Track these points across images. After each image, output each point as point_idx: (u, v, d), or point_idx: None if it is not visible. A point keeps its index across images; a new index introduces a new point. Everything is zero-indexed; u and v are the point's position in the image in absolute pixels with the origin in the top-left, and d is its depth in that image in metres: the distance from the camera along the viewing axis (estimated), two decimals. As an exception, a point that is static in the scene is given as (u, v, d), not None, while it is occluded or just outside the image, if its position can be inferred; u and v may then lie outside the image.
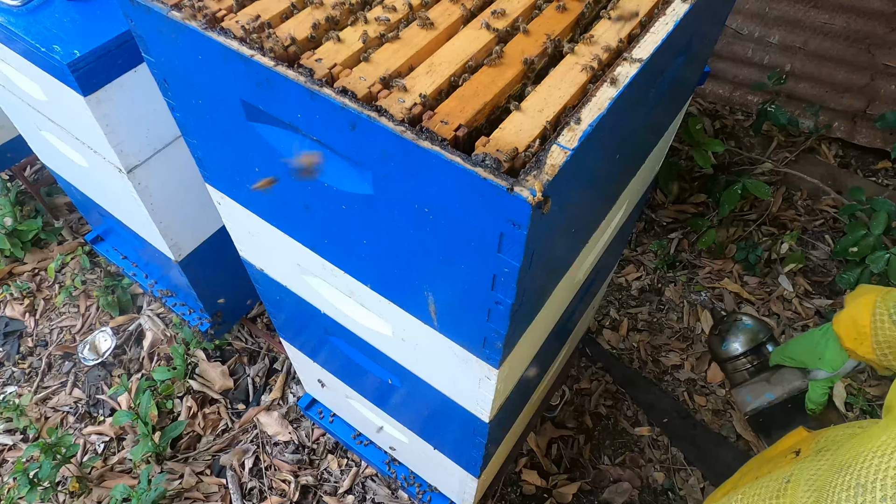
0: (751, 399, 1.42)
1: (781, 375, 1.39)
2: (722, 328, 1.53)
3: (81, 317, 2.51)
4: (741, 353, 1.48)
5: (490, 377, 0.97)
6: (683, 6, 0.82)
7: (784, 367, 1.38)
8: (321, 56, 0.74)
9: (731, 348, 1.49)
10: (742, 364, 1.48)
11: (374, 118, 0.67)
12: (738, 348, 1.49)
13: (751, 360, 1.47)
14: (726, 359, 1.50)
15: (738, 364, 1.49)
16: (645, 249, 2.70)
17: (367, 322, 1.13)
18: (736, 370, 1.49)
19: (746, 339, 1.49)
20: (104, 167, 1.59)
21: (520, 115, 0.69)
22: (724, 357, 1.51)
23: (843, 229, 2.67)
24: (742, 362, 1.48)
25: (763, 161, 2.85)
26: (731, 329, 1.51)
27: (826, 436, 0.95)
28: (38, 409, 2.28)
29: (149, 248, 1.98)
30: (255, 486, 2.07)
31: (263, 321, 2.44)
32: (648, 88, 0.85)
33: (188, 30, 0.76)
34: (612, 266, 1.80)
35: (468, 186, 0.64)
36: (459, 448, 1.38)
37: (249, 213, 1.10)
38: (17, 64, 1.47)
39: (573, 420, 2.19)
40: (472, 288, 0.79)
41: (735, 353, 1.49)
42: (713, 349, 1.55)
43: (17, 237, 2.64)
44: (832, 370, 1.22)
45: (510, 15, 0.82)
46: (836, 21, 2.66)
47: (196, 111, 0.93)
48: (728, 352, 1.50)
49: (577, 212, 0.86)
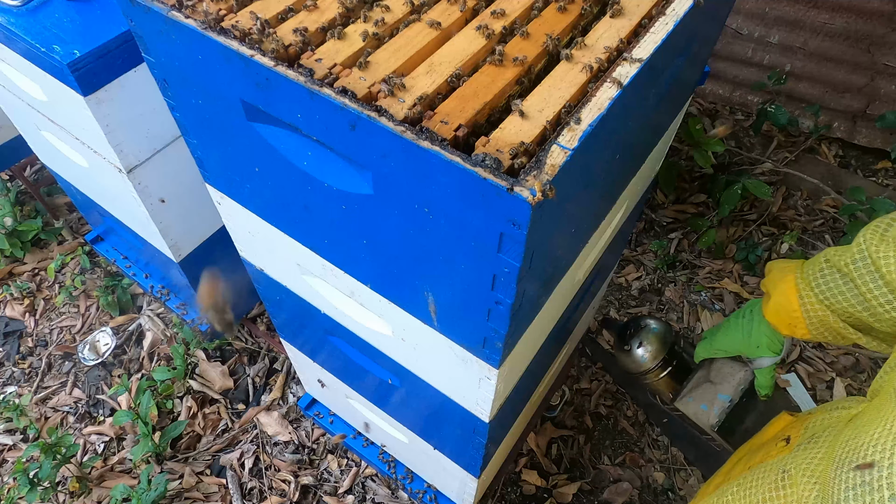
0: (707, 408, 1.30)
1: (721, 372, 1.29)
2: (629, 340, 1.40)
3: (81, 317, 2.51)
4: (660, 361, 1.36)
5: (490, 377, 0.97)
6: (683, 6, 0.82)
7: (715, 360, 1.29)
8: (321, 56, 0.74)
9: (648, 358, 1.37)
10: (663, 372, 1.36)
11: (374, 118, 0.67)
12: (656, 357, 1.36)
13: (670, 364, 1.36)
14: (644, 371, 1.38)
15: (658, 373, 1.37)
16: (645, 249, 2.70)
17: (367, 322, 1.13)
18: (658, 379, 1.37)
19: (658, 347, 1.37)
20: (104, 167, 1.59)
21: (519, 115, 0.69)
22: (643, 370, 1.38)
23: (843, 229, 2.67)
24: (662, 370, 1.36)
25: (763, 161, 2.85)
26: (639, 340, 1.38)
27: (814, 421, 0.93)
28: (38, 409, 2.28)
29: (149, 248, 1.99)
30: (255, 486, 2.07)
31: (263, 321, 2.44)
32: (648, 88, 0.85)
33: (188, 30, 0.76)
34: (612, 266, 1.80)
35: (468, 186, 0.64)
36: (459, 448, 1.38)
37: (249, 213, 1.10)
38: (17, 64, 1.47)
39: (573, 420, 2.19)
40: (472, 288, 0.79)
41: (651, 364, 1.36)
42: (624, 366, 1.42)
43: (17, 237, 2.64)
44: (775, 354, 1.18)
45: (510, 15, 0.82)
46: (836, 21, 2.66)
47: (196, 111, 0.93)
48: (645, 363, 1.37)
49: (577, 212, 0.86)
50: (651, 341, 1.38)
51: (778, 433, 1.03)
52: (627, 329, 1.43)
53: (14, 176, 2.77)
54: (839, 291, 1.00)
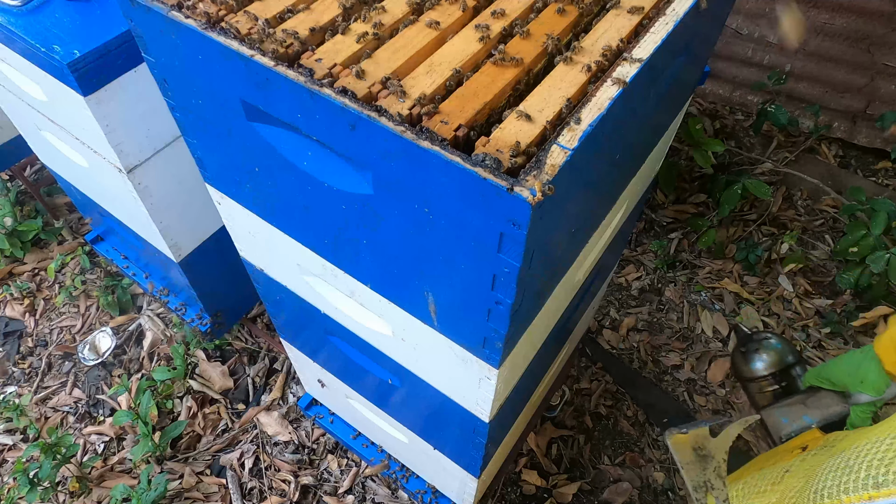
0: (787, 421, 1.33)
1: (819, 399, 1.31)
2: (748, 347, 1.47)
3: (81, 317, 2.51)
4: (767, 375, 1.43)
5: (490, 377, 0.97)
6: (683, 6, 0.82)
7: (821, 389, 1.31)
8: (321, 56, 0.74)
9: (758, 368, 1.44)
10: (767, 385, 1.43)
11: (374, 118, 0.67)
12: (765, 369, 1.43)
13: (778, 382, 1.42)
14: (751, 379, 1.45)
15: (764, 385, 1.43)
16: (645, 249, 2.70)
17: (367, 322, 1.13)
18: (761, 391, 1.43)
19: (774, 361, 1.43)
20: (104, 167, 1.59)
21: (519, 116, 0.69)
22: (749, 377, 1.45)
23: (843, 229, 2.67)
24: (768, 383, 1.43)
25: (763, 161, 2.85)
26: (758, 349, 1.45)
27: (835, 433, 0.94)
28: (38, 409, 2.28)
29: (149, 248, 1.98)
30: (255, 486, 2.07)
31: (263, 321, 2.44)
32: (648, 88, 0.85)
33: (188, 30, 0.76)
34: (612, 266, 1.80)
35: (468, 186, 0.64)
36: (459, 448, 1.38)
37: (249, 213, 1.10)
38: (17, 64, 1.47)
39: (573, 420, 2.19)
40: (472, 288, 0.79)
41: (761, 373, 1.43)
42: (737, 367, 1.50)
43: (17, 237, 2.64)
44: (875, 394, 1.16)
45: (510, 15, 0.82)
46: (836, 21, 2.66)
47: (196, 111, 0.93)
48: (754, 371, 1.44)
49: (577, 212, 0.86)
50: (770, 354, 1.44)
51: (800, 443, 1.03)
52: (752, 337, 1.51)
53: (14, 176, 2.77)
54: None
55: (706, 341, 2.41)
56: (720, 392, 2.27)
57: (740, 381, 1.51)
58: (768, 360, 1.44)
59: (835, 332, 2.40)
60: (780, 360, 1.44)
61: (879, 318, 2.38)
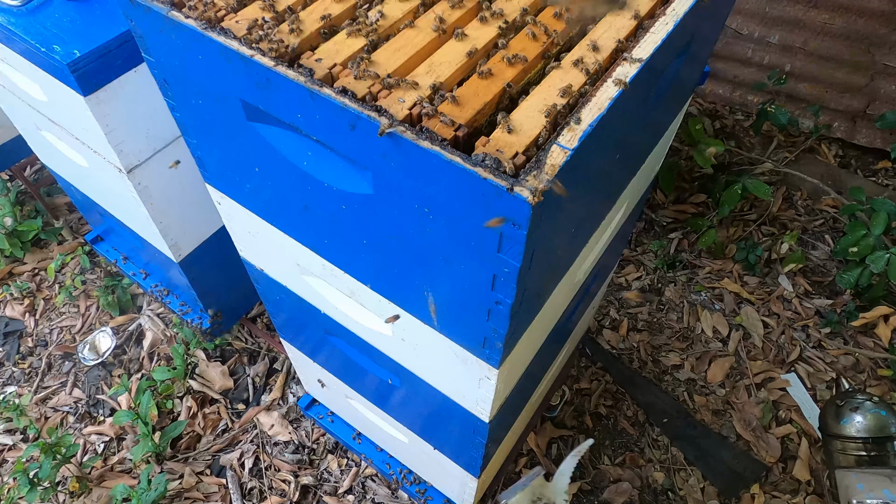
0: (863, 488, 1.26)
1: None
2: (847, 402, 1.38)
3: (81, 317, 2.51)
4: (860, 438, 1.33)
5: (490, 377, 0.97)
6: (683, 6, 0.82)
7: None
8: (321, 56, 0.74)
9: (851, 427, 1.35)
10: (855, 448, 1.34)
11: (374, 118, 0.67)
12: (860, 431, 1.34)
13: (868, 450, 1.33)
14: (837, 435, 1.36)
15: (850, 446, 1.35)
16: (645, 249, 2.70)
17: (367, 322, 1.13)
18: (844, 451, 1.35)
19: (873, 426, 1.34)
20: (104, 167, 1.59)
21: (520, 115, 0.69)
22: (836, 433, 1.36)
23: (843, 229, 2.67)
24: (857, 447, 1.34)
25: (763, 161, 2.84)
26: (857, 407, 1.36)
27: None
28: (38, 409, 2.28)
29: (149, 248, 1.98)
30: (255, 486, 2.07)
31: (263, 321, 2.44)
32: (648, 88, 0.85)
33: (188, 30, 0.76)
34: (612, 266, 1.80)
35: (468, 186, 0.64)
36: (459, 448, 1.38)
37: (249, 213, 1.10)
38: (17, 64, 1.47)
39: (573, 420, 2.19)
40: (472, 288, 0.79)
41: (852, 433, 1.34)
42: (826, 419, 1.40)
43: (17, 237, 2.64)
44: None
45: (510, 16, 0.82)
46: (836, 21, 2.66)
47: (196, 111, 0.93)
48: (844, 429, 1.35)
49: (577, 212, 0.86)
50: (869, 418, 1.36)
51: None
52: (854, 394, 1.41)
53: (14, 176, 2.77)
54: None
55: (706, 341, 2.41)
56: (720, 392, 2.27)
57: (824, 434, 1.40)
58: (865, 424, 1.35)
59: (835, 332, 2.40)
60: (881, 427, 1.34)
61: (879, 317, 2.38)
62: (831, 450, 1.39)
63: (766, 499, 2.00)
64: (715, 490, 2.04)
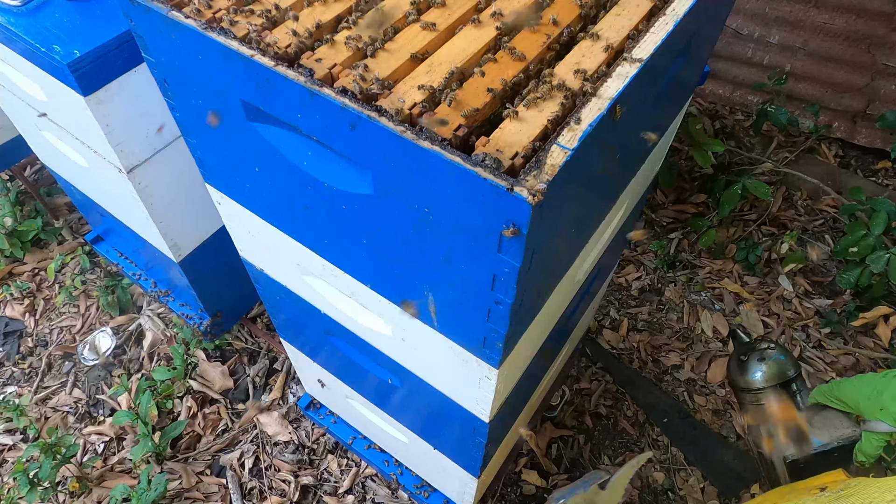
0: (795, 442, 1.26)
1: (826, 419, 1.23)
2: (748, 356, 1.38)
3: (81, 317, 2.51)
4: (766, 387, 1.34)
5: (490, 377, 0.97)
6: (683, 6, 0.82)
7: (827, 408, 1.23)
8: (321, 56, 0.74)
9: (756, 379, 1.35)
10: (764, 398, 1.34)
11: (374, 118, 0.67)
12: (764, 381, 1.34)
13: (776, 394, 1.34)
14: (747, 389, 1.37)
15: (760, 397, 1.35)
16: (645, 249, 2.70)
17: (367, 322, 1.13)
18: (757, 402, 1.35)
19: (773, 373, 1.34)
20: (104, 167, 1.59)
21: (520, 115, 0.69)
22: (745, 387, 1.37)
23: (843, 229, 2.67)
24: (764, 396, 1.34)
25: (763, 161, 2.84)
26: (757, 358, 1.36)
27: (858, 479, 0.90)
28: (38, 409, 2.28)
29: (149, 248, 1.98)
30: (255, 486, 2.07)
31: (263, 321, 2.44)
32: (648, 88, 0.85)
33: (188, 30, 0.76)
34: (612, 266, 1.80)
35: (468, 186, 0.64)
36: (459, 448, 1.38)
37: (249, 213, 1.10)
38: (17, 64, 1.47)
39: (573, 420, 2.19)
40: (472, 288, 0.79)
41: (758, 385, 1.35)
42: (732, 376, 1.42)
43: (17, 237, 2.64)
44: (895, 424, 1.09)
45: (509, 16, 0.82)
46: (836, 21, 2.66)
47: (196, 111, 0.93)
48: (751, 383, 1.36)
49: (578, 212, 0.86)
50: (770, 365, 1.36)
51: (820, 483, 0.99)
52: (752, 345, 1.41)
53: (14, 176, 2.77)
54: None
55: (706, 341, 2.41)
56: (720, 392, 2.27)
57: (734, 389, 1.43)
58: (768, 372, 1.35)
59: (835, 332, 2.40)
60: (781, 373, 1.35)
61: (879, 317, 2.38)
62: (745, 404, 1.39)
63: (766, 499, 2.00)
64: (715, 490, 2.04)
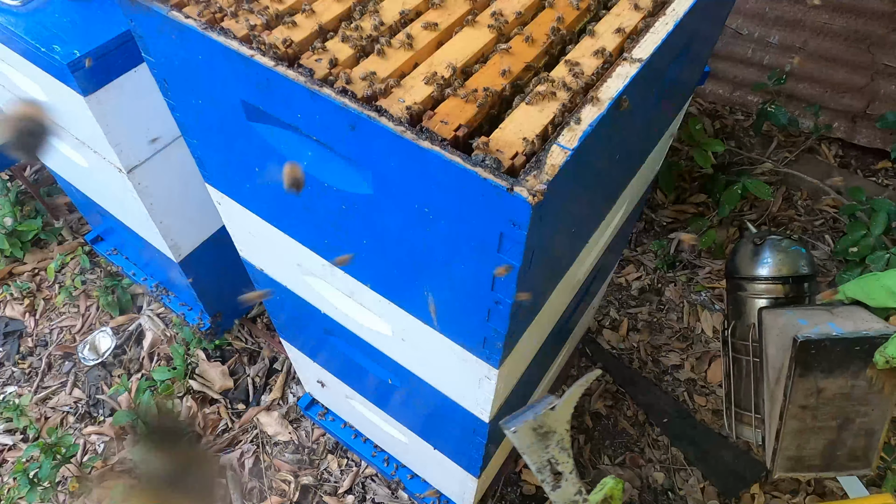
0: (807, 323, 1.09)
1: (852, 311, 1.09)
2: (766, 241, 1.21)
3: (81, 317, 2.51)
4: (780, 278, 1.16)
5: (490, 377, 0.97)
6: (683, 6, 0.82)
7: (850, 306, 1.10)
8: (321, 56, 0.74)
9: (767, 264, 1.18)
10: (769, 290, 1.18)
11: (374, 118, 0.67)
12: (773, 271, 1.17)
13: (787, 291, 1.17)
14: (751, 278, 1.20)
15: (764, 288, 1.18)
16: (645, 249, 2.70)
17: (367, 322, 1.13)
18: (756, 295, 1.19)
19: (787, 264, 1.17)
20: (104, 167, 1.59)
21: (520, 115, 0.69)
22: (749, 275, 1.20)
23: (843, 229, 2.67)
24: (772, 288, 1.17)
25: (763, 161, 2.84)
26: (772, 245, 1.20)
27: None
28: (38, 409, 2.28)
29: (149, 248, 1.98)
30: (255, 486, 2.07)
31: (263, 321, 2.44)
32: (648, 88, 0.85)
33: (188, 30, 0.76)
34: (612, 266, 1.80)
35: (468, 186, 0.64)
36: (459, 448, 1.38)
37: (249, 213, 1.10)
38: (17, 64, 1.47)
39: (573, 420, 2.19)
40: (472, 288, 0.79)
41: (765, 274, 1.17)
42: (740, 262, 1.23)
43: (17, 237, 2.64)
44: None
45: (509, 16, 0.82)
46: (836, 21, 2.66)
47: (196, 111, 0.93)
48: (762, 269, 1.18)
49: (578, 212, 0.86)
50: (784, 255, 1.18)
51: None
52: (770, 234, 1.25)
53: (14, 176, 2.77)
54: None
55: (706, 341, 2.41)
56: (720, 392, 2.27)
57: (732, 279, 1.24)
58: (780, 261, 1.18)
59: (835, 332, 2.40)
60: (795, 266, 1.17)
61: (879, 318, 2.38)
62: (742, 297, 1.22)
63: (766, 499, 2.00)
64: (715, 490, 2.04)
